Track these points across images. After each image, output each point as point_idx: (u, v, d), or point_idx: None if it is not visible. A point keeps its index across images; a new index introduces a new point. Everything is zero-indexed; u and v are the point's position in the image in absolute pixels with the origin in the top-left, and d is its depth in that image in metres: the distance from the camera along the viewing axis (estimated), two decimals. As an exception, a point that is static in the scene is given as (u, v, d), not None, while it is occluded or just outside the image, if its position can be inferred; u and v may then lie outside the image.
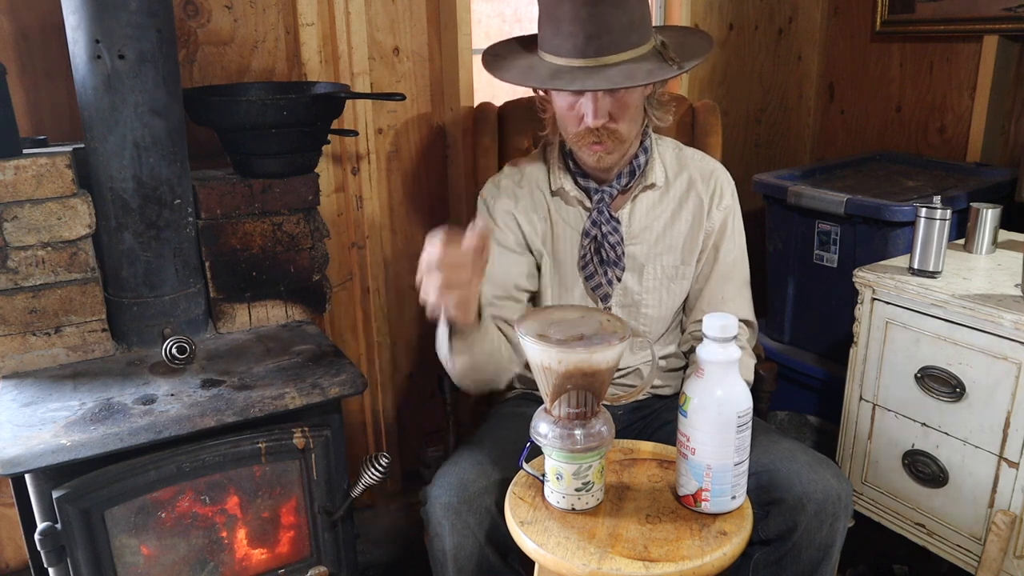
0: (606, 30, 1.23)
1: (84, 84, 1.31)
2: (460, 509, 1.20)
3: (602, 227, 1.40)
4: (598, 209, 1.40)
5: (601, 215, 1.40)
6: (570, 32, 1.23)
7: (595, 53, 1.23)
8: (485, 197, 1.49)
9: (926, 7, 2.19)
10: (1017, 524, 1.42)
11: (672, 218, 1.44)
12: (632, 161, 1.40)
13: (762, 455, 1.30)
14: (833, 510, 1.22)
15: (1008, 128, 2.17)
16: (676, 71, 1.26)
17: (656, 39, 1.30)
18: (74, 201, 1.35)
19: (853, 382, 1.67)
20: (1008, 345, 1.38)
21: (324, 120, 1.57)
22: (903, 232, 1.78)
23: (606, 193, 1.40)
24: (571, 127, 1.33)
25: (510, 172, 1.50)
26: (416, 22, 1.92)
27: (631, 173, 1.40)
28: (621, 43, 1.24)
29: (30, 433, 1.17)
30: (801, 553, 1.24)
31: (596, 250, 1.42)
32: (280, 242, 1.56)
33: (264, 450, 1.32)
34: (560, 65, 1.27)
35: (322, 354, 1.46)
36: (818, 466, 1.25)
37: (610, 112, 1.29)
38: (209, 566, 1.36)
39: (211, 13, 1.68)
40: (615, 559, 1.00)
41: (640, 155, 1.41)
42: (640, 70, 1.24)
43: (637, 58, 1.26)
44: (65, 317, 1.39)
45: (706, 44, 1.35)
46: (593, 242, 1.41)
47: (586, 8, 1.21)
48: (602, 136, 1.31)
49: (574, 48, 1.24)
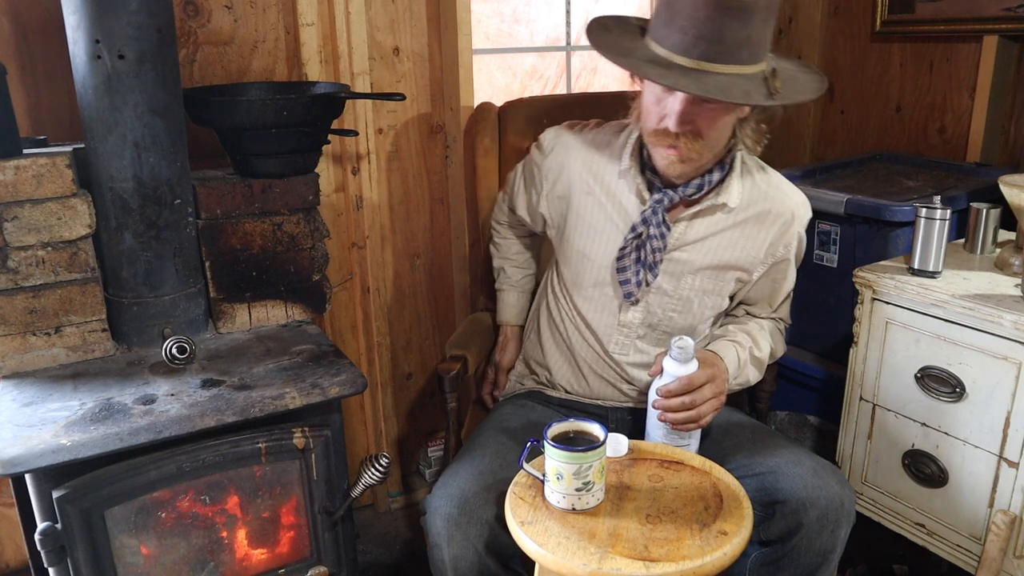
0: (719, 38, 1.16)
1: (84, 84, 1.31)
2: (460, 521, 1.19)
3: (651, 228, 1.36)
4: (653, 209, 1.36)
5: (655, 215, 1.36)
6: (682, 27, 1.18)
7: (700, 56, 1.18)
8: (543, 143, 1.49)
9: (926, 7, 2.19)
10: (1017, 524, 1.42)
11: (730, 240, 1.40)
12: (705, 175, 1.34)
13: (767, 457, 1.30)
14: (835, 517, 1.22)
15: (1008, 128, 2.17)
16: (772, 101, 1.20)
17: (769, 65, 1.23)
18: (74, 201, 1.35)
19: (853, 382, 1.67)
20: (1008, 345, 1.38)
21: (324, 120, 1.57)
22: (903, 232, 1.78)
23: (667, 197, 1.35)
24: (652, 122, 1.28)
25: (583, 133, 1.47)
26: (416, 22, 1.92)
27: (699, 187, 1.35)
28: (729, 55, 1.18)
29: (30, 433, 1.17)
30: (800, 557, 1.23)
31: (637, 247, 1.38)
32: (280, 242, 1.56)
33: (264, 450, 1.32)
34: (660, 56, 1.21)
35: (322, 354, 1.46)
36: (823, 472, 1.25)
37: (695, 121, 1.23)
38: (209, 566, 1.36)
39: (211, 13, 1.68)
40: (615, 559, 1.00)
41: (715, 171, 1.35)
42: (737, 88, 1.18)
43: (740, 75, 1.19)
44: (65, 317, 1.39)
45: (817, 87, 1.28)
46: (637, 239, 1.38)
47: (707, 9, 1.15)
48: (679, 142, 1.26)
49: (680, 44, 1.18)
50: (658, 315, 1.42)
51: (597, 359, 1.47)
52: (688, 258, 1.40)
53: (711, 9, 1.15)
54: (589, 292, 1.45)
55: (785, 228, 1.41)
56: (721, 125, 1.27)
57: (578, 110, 1.66)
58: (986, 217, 1.67)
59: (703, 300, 1.43)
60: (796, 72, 1.30)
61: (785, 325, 1.57)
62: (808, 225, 1.46)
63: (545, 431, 1.11)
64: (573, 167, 1.45)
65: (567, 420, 1.16)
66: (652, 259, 1.37)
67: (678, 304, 1.42)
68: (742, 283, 1.45)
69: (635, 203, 1.39)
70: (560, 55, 2.23)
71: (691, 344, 1.29)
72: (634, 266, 1.38)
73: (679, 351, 1.28)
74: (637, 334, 1.44)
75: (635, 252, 1.38)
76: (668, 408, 1.29)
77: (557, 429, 1.13)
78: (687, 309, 1.43)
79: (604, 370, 1.47)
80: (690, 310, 1.43)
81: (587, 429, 1.14)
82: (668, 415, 1.29)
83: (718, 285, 1.42)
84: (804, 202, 1.44)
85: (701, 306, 1.43)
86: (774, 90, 1.20)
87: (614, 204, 1.41)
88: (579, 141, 1.46)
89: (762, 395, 1.74)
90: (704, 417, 1.30)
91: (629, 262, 1.39)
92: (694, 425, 1.31)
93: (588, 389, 1.50)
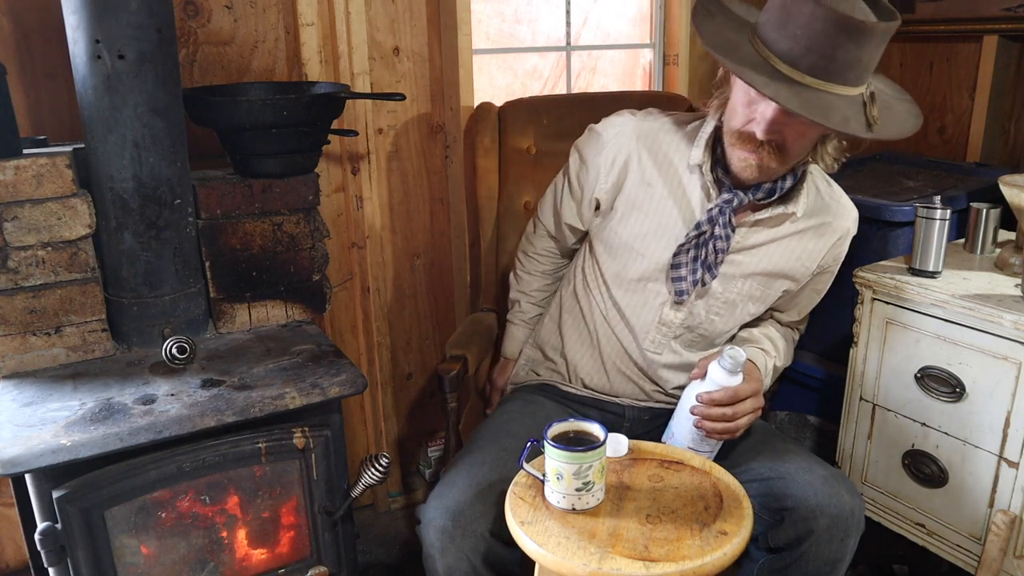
0: (831, 55, 1.12)
1: (84, 84, 1.31)
2: (454, 533, 1.18)
3: (716, 228, 1.32)
4: (720, 209, 1.31)
5: (723, 215, 1.31)
6: (795, 35, 1.12)
7: (807, 69, 1.13)
8: (603, 129, 1.42)
9: (926, 7, 2.19)
10: (1017, 524, 1.42)
11: (787, 248, 1.38)
12: (777, 181, 1.31)
13: (777, 462, 1.29)
14: (845, 526, 1.21)
15: (1008, 128, 2.17)
16: (870, 134, 1.16)
17: (868, 88, 1.19)
18: (74, 201, 1.35)
19: (853, 382, 1.67)
20: (1008, 345, 1.38)
21: (324, 120, 1.57)
22: (903, 232, 1.78)
23: (737, 198, 1.31)
24: (737, 122, 1.24)
25: (649, 119, 1.41)
26: (416, 22, 1.92)
27: (770, 192, 1.31)
28: (837, 74, 1.14)
29: (30, 433, 1.17)
30: (808, 565, 1.23)
31: (697, 246, 1.34)
32: (280, 242, 1.56)
33: (264, 450, 1.32)
34: (764, 59, 1.17)
35: (322, 354, 1.46)
36: (834, 481, 1.24)
37: (783, 132, 1.20)
38: (209, 566, 1.36)
39: (211, 13, 1.68)
40: (616, 559, 1.00)
41: (787, 178, 1.31)
42: (837, 112, 1.14)
43: (841, 96, 1.15)
44: (65, 317, 1.39)
45: (912, 124, 1.23)
46: (699, 237, 1.33)
47: (825, 24, 1.10)
48: (762, 150, 1.23)
49: (788, 51, 1.14)
50: (700, 316, 1.40)
51: (624, 356, 1.44)
52: (744, 261, 1.37)
53: (829, 25, 1.10)
54: (633, 287, 1.40)
55: (840, 242, 1.40)
56: (807, 141, 1.25)
57: (578, 110, 1.66)
58: (986, 217, 1.67)
59: (746, 306, 1.40)
60: (892, 100, 1.25)
61: (799, 335, 1.57)
62: None
63: (545, 431, 1.11)
64: (634, 155, 1.39)
65: (567, 420, 1.16)
66: (713, 259, 1.34)
67: (722, 308, 1.39)
68: (788, 292, 1.42)
69: (700, 199, 1.35)
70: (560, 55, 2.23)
71: (743, 357, 1.26)
72: (691, 264, 1.34)
73: (731, 362, 1.25)
74: (675, 334, 1.41)
75: (694, 250, 1.34)
76: (708, 416, 1.27)
77: (557, 429, 1.13)
78: (729, 313, 1.40)
79: (629, 368, 1.44)
80: (732, 314, 1.41)
81: (587, 429, 1.14)
82: (706, 423, 1.28)
83: (765, 292, 1.40)
84: (857, 217, 1.43)
85: (743, 312, 1.41)
86: (872, 119, 1.16)
87: (677, 199, 1.36)
88: (645, 128, 1.40)
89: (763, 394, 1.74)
90: (740, 430, 1.29)
91: (686, 259, 1.34)
92: (728, 436, 1.29)
93: (608, 385, 1.47)
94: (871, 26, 1.11)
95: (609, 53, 2.32)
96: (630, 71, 2.36)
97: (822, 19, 1.10)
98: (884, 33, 1.13)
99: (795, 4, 1.12)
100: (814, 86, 1.14)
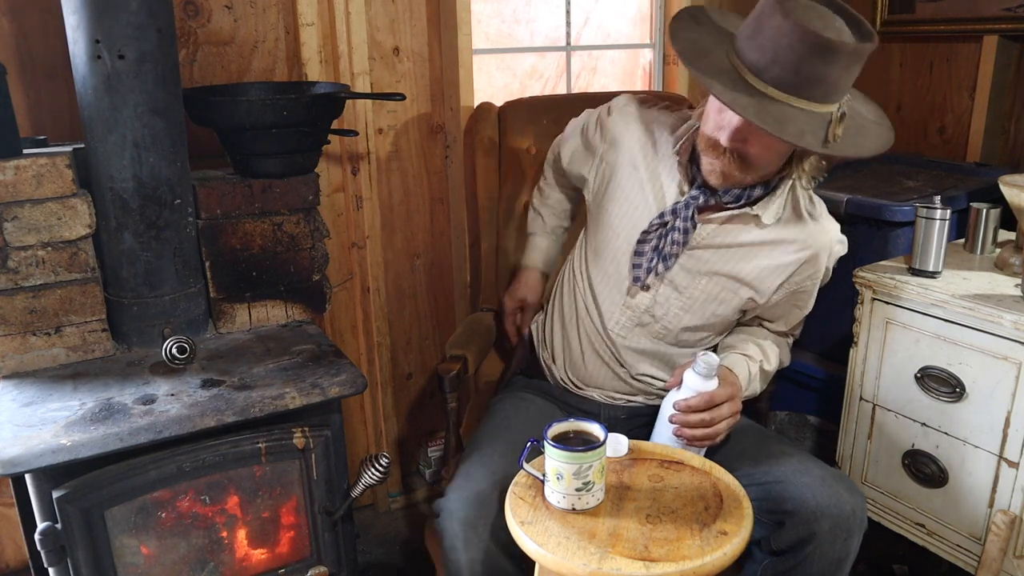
0: (796, 69, 1.12)
1: (84, 84, 1.31)
2: (476, 523, 1.19)
3: (677, 221, 1.35)
4: (686, 204, 1.34)
5: (686, 210, 1.34)
6: (762, 45, 1.14)
7: (771, 81, 1.14)
8: (613, 107, 1.49)
9: (926, 7, 2.19)
10: (1017, 524, 1.42)
11: (751, 255, 1.38)
12: (747, 188, 1.33)
13: (773, 465, 1.29)
14: (848, 526, 1.21)
15: (1008, 128, 2.17)
16: (824, 149, 1.16)
17: (839, 109, 1.17)
18: (74, 201, 1.35)
19: (853, 382, 1.67)
20: (1008, 345, 1.38)
21: (324, 120, 1.57)
22: (903, 232, 1.78)
23: (703, 196, 1.34)
24: (708, 127, 1.27)
25: (650, 109, 1.47)
26: (416, 22, 1.92)
27: (737, 197, 1.33)
28: (801, 88, 1.14)
29: (30, 433, 1.17)
30: (813, 566, 1.23)
31: (660, 236, 1.37)
32: (280, 242, 1.56)
33: (264, 450, 1.32)
34: (731, 67, 1.18)
35: (322, 354, 1.46)
36: (832, 481, 1.24)
37: (748, 140, 1.21)
38: (209, 566, 1.36)
39: (211, 13, 1.68)
40: (616, 559, 1.00)
41: (758, 188, 1.33)
42: (795, 125, 1.14)
43: (805, 111, 1.15)
44: (65, 317, 1.39)
45: (878, 145, 1.24)
46: (662, 227, 1.37)
47: (791, 37, 1.11)
48: (725, 157, 1.25)
49: (756, 62, 1.15)
50: (664, 307, 1.41)
51: (597, 335, 1.46)
52: (708, 258, 1.39)
53: (795, 40, 1.11)
54: (606, 265, 1.45)
55: (812, 262, 1.39)
56: (773, 154, 1.25)
57: (578, 110, 1.65)
58: (986, 217, 1.67)
59: (710, 306, 1.41)
60: (867, 121, 1.26)
61: (794, 339, 1.57)
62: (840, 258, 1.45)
63: (545, 431, 1.11)
64: (630, 138, 1.45)
65: (567, 420, 1.16)
66: (669, 251, 1.37)
67: (686, 302, 1.41)
68: (754, 303, 1.42)
69: (674, 192, 1.39)
70: (560, 55, 2.23)
71: (716, 361, 1.27)
72: (650, 252, 1.38)
73: (704, 366, 1.27)
74: (640, 321, 1.43)
75: (656, 240, 1.38)
76: (686, 423, 1.28)
77: (557, 429, 1.13)
78: (692, 309, 1.41)
79: (601, 348, 1.46)
80: (696, 312, 1.41)
81: (587, 429, 1.14)
82: (685, 431, 1.29)
83: (727, 296, 1.40)
84: (841, 239, 1.43)
85: (708, 312, 1.42)
86: (832, 137, 1.16)
87: (654, 186, 1.41)
88: (644, 116, 1.46)
89: (762, 395, 1.74)
90: (720, 435, 1.30)
91: (647, 248, 1.38)
92: (709, 442, 1.30)
93: (584, 369, 1.49)
94: (838, 45, 1.11)
95: (609, 53, 2.33)
96: (630, 71, 2.36)
97: (788, 33, 1.11)
98: (854, 54, 1.13)
99: (766, 17, 1.14)
100: (777, 98, 1.15)
